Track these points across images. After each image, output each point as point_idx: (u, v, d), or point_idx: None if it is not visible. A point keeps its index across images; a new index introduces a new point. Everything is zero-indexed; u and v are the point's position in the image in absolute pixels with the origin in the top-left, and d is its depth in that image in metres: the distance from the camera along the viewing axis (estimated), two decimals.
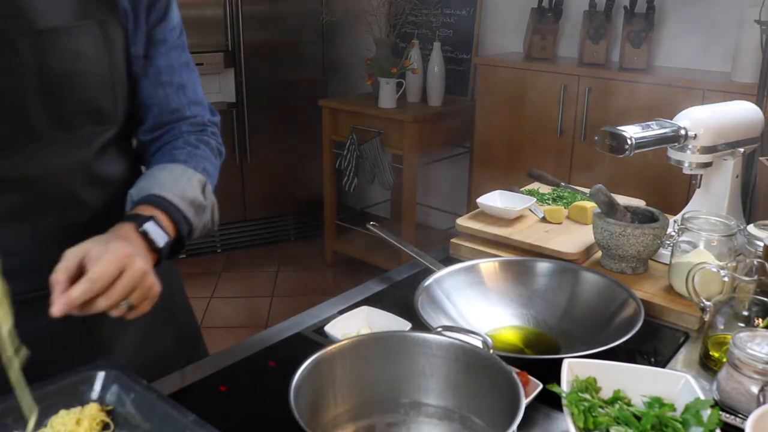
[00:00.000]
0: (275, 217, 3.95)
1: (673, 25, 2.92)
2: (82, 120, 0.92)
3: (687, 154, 1.30)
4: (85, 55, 0.88)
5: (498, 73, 3.10)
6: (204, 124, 1.08)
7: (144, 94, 1.02)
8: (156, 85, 1.02)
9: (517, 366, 0.89)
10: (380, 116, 3.29)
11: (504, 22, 3.43)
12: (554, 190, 1.67)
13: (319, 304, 1.22)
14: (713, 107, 1.35)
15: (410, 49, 3.39)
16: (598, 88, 2.80)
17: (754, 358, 0.86)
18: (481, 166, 3.26)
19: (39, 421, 0.74)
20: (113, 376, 0.78)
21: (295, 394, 0.76)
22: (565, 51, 3.23)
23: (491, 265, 1.23)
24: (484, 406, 0.84)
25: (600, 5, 2.95)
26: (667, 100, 2.58)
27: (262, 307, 3.32)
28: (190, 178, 0.97)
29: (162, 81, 1.02)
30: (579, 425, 0.80)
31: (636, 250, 1.24)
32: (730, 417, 0.88)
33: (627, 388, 0.88)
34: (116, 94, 0.96)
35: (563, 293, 1.19)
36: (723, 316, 1.01)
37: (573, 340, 1.10)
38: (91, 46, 0.89)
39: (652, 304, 1.17)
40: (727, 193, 1.36)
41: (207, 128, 1.08)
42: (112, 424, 0.75)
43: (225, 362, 1.04)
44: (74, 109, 0.91)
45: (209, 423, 0.71)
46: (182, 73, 1.04)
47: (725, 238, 1.15)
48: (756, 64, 2.42)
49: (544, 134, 2.99)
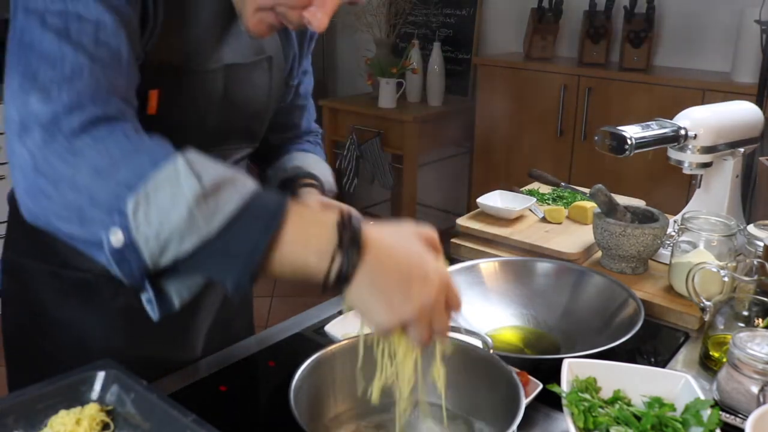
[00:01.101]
0: None
1: (673, 25, 2.92)
2: (237, 138, 1.04)
3: (687, 154, 1.30)
4: (256, 85, 1.00)
5: (498, 73, 3.10)
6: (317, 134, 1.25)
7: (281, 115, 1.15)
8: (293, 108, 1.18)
9: (517, 366, 0.89)
10: (380, 116, 3.29)
11: (504, 22, 3.43)
12: (554, 190, 1.67)
13: (319, 304, 1.22)
14: (713, 107, 1.35)
15: (410, 49, 3.39)
16: (598, 88, 2.80)
17: (754, 358, 0.86)
18: (481, 166, 3.26)
19: (39, 420, 0.74)
20: (113, 376, 0.78)
21: (295, 394, 0.76)
22: (565, 51, 3.23)
23: (491, 265, 1.23)
24: (484, 406, 0.84)
25: (600, 5, 2.95)
26: (667, 100, 2.59)
27: (262, 307, 3.32)
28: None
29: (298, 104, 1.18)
30: (579, 425, 0.80)
31: (636, 250, 1.24)
32: (730, 417, 0.88)
33: (627, 388, 0.88)
34: (267, 119, 1.08)
35: (563, 293, 1.19)
36: (723, 316, 1.01)
37: (573, 340, 1.10)
38: (259, 78, 1.01)
39: (652, 304, 1.17)
40: (727, 193, 1.36)
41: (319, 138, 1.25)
42: (112, 424, 0.75)
43: (225, 362, 1.04)
44: (234, 128, 1.02)
45: (209, 423, 0.71)
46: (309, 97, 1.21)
47: (725, 238, 1.15)
48: (756, 64, 2.43)
49: (544, 134, 2.99)
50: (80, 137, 0.66)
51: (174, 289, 0.67)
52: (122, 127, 0.69)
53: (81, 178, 0.64)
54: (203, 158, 0.66)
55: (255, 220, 0.63)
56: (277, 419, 0.90)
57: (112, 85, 0.72)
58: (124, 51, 0.74)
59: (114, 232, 0.62)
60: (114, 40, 0.73)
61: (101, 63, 0.72)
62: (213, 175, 0.63)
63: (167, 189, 0.62)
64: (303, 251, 0.64)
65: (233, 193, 0.63)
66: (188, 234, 0.62)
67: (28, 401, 0.75)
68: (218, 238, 0.62)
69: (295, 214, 0.64)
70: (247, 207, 0.63)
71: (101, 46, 0.72)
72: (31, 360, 1.07)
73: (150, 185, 0.62)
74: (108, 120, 0.69)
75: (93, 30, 0.72)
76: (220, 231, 0.62)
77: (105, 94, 0.71)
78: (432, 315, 0.66)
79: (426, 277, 0.65)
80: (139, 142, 0.68)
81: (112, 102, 0.71)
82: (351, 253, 0.63)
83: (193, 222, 0.62)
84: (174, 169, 0.63)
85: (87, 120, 0.67)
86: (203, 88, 0.92)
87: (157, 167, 0.63)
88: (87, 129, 0.67)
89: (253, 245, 0.62)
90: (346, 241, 0.63)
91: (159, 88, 0.85)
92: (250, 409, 0.94)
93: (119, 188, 0.63)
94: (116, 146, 0.66)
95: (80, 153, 0.65)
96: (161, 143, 0.69)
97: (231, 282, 0.64)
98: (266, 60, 1.00)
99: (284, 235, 0.63)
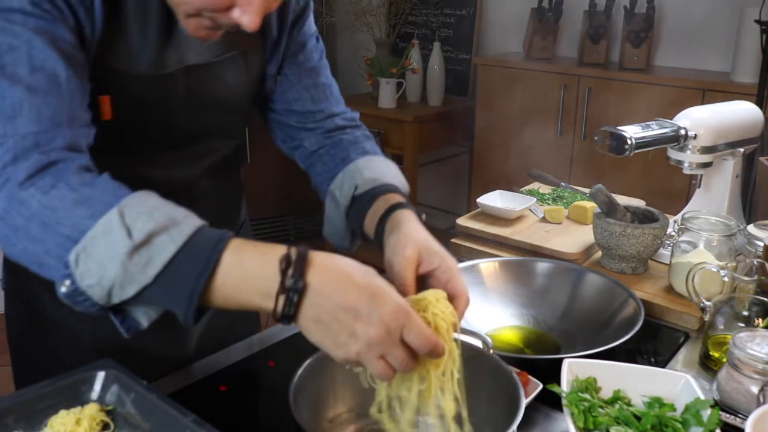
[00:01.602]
0: (275, 217, 3.94)
1: (673, 25, 2.92)
2: (214, 135, 1.03)
3: (687, 154, 1.30)
4: (226, 83, 0.98)
5: (498, 73, 3.10)
6: (356, 120, 1.12)
7: (290, 98, 1.07)
8: (299, 88, 1.07)
9: (517, 366, 0.89)
10: (380, 116, 3.29)
11: (504, 22, 3.42)
12: (554, 190, 1.67)
13: None
14: (713, 107, 1.35)
15: (410, 49, 3.39)
16: (598, 88, 2.80)
17: (754, 358, 0.86)
18: (481, 166, 3.26)
19: (39, 420, 0.74)
20: (113, 376, 0.78)
21: (295, 394, 0.76)
22: (565, 51, 3.23)
23: (491, 265, 1.23)
24: (484, 406, 0.84)
25: (600, 5, 2.95)
26: (667, 100, 2.58)
27: None
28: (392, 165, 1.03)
29: (305, 84, 1.07)
30: (579, 425, 0.80)
31: (636, 250, 1.24)
32: (730, 417, 0.88)
33: (627, 388, 0.88)
34: (244, 113, 1.06)
35: (563, 293, 1.19)
36: (723, 316, 1.01)
37: (573, 340, 1.10)
38: (232, 75, 0.98)
39: (652, 304, 1.17)
40: (727, 193, 1.36)
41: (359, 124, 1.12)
42: (112, 424, 0.75)
43: (225, 362, 1.04)
44: (207, 127, 1.01)
45: (209, 423, 0.71)
46: (324, 73, 1.09)
47: (725, 238, 1.15)
48: (756, 64, 2.43)
49: (544, 134, 2.99)
50: (27, 189, 0.70)
51: (140, 312, 0.71)
52: (66, 174, 0.71)
53: (33, 228, 0.69)
54: (142, 203, 0.68)
55: (190, 266, 0.66)
56: (277, 419, 0.90)
57: (54, 112, 0.75)
58: (61, 71, 0.76)
59: (63, 280, 0.67)
60: (49, 62, 0.75)
61: (41, 92, 0.74)
62: (144, 227, 0.66)
63: (102, 243, 0.66)
64: (245, 292, 0.66)
65: (167, 242, 0.66)
66: (127, 283, 0.66)
67: (28, 401, 0.75)
68: (156, 285, 0.66)
69: (234, 253, 0.67)
70: (181, 254, 0.66)
71: (37, 72, 0.74)
72: (35, 359, 1.08)
73: (88, 239, 0.66)
74: (52, 166, 0.72)
75: (26, 58, 0.74)
76: (156, 278, 0.66)
77: (49, 128, 0.74)
78: (383, 351, 0.65)
79: (370, 314, 0.64)
80: (82, 190, 0.70)
81: (57, 137, 0.74)
82: (292, 296, 0.64)
83: (128, 273, 0.65)
84: (108, 223, 0.66)
85: (33, 170, 0.71)
86: (160, 90, 0.91)
87: (94, 220, 0.67)
88: (32, 179, 0.70)
89: (190, 289, 0.65)
90: (288, 284, 0.65)
91: (110, 94, 0.86)
92: (250, 409, 0.94)
93: (63, 241, 0.67)
94: (59, 199, 0.69)
95: (28, 204, 0.69)
96: (105, 187, 0.71)
97: (180, 316, 0.67)
98: (240, 55, 0.98)
99: (223, 277, 0.66)
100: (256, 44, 1.00)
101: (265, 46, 1.02)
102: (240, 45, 0.98)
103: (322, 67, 1.09)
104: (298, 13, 1.04)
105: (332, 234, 1.04)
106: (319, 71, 1.08)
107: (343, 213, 0.99)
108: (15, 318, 1.09)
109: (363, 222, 0.95)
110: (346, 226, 1.00)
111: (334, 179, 1.01)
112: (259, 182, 3.77)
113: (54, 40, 0.76)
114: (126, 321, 0.71)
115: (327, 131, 1.08)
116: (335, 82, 1.12)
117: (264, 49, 1.02)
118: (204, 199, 1.05)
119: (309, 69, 1.07)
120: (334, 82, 1.12)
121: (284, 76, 1.06)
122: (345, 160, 1.02)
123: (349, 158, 1.02)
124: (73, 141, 0.76)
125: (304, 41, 1.06)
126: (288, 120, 1.08)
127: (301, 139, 1.09)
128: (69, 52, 0.78)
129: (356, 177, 0.98)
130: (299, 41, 1.05)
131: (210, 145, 1.03)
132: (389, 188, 0.95)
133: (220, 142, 1.05)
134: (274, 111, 1.09)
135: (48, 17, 0.76)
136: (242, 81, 1.00)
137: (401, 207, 0.90)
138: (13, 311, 1.09)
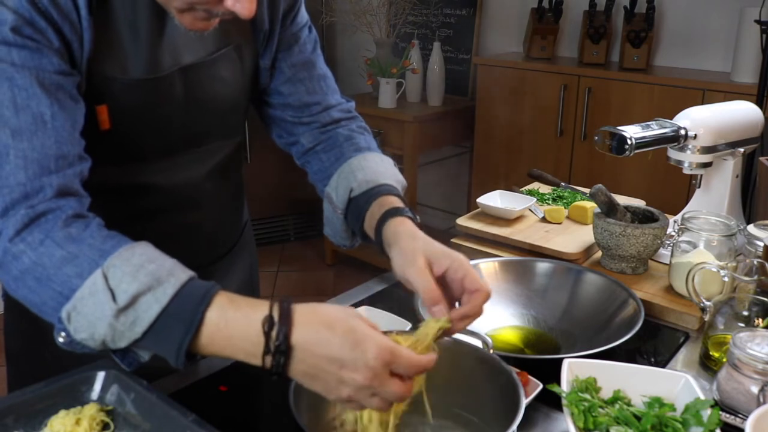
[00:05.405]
0: (275, 217, 3.94)
1: (673, 25, 2.92)
2: (213, 135, 1.02)
3: (687, 154, 1.30)
4: (223, 80, 0.97)
5: (498, 73, 3.10)
6: (352, 112, 1.11)
7: (285, 92, 1.06)
8: (295, 81, 1.05)
9: (517, 366, 0.89)
10: (380, 116, 3.29)
11: (504, 22, 3.42)
12: (554, 190, 1.67)
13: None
14: (713, 107, 1.35)
15: (410, 49, 3.39)
16: (598, 88, 2.80)
17: (754, 358, 0.86)
18: (481, 166, 3.26)
19: (39, 420, 0.74)
20: (113, 376, 0.78)
21: (295, 394, 0.76)
22: (565, 51, 3.23)
23: (491, 265, 1.23)
24: (484, 406, 0.84)
25: (600, 5, 2.95)
26: (667, 100, 2.59)
27: None
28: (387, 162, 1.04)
29: (300, 77, 1.05)
30: (579, 425, 0.80)
31: (636, 250, 1.24)
32: (730, 417, 0.88)
33: (627, 388, 0.88)
34: (243, 110, 1.05)
35: (563, 293, 1.19)
36: (723, 316, 1.01)
37: (573, 340, 1.10)
38: (228, 71, 0.97)
39: (652, 304, 1.17)
40: (727, 193, 1.36)
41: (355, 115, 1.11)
42: (112, 424, 0.75)
43: (225, 362, 1.04)
44: (208, 127, 1.00)
45: (209, 423, 0.71)
46: (318, 64, 1.08)
47: (725, 238, 1.15)
48: (756, 64, 2.43)
49: (544, 134, 2.99)
50: (17, 244, 0.72)
51: (140, 350, 0.74)
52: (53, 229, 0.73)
53: (28, 281, 0.72)
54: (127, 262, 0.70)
55: (175, 325, 0.69)
56: (277, 419, 0.90)
57: (41, 155, 0.75)
58: (45, 108, 0.76)
59: (59, 332, 0.72)
60: (33, 101, 0.75)
61: (26, 134, 0.74)
62: (127, 289, 0.69)
63: (90, 302, 0.69)
64: (231, 350, 0.70)
65: (152, 302, 0.69)
66: (118, 338, 0.70)
67: (28, 401, 0.75)
68: (145, 339, 0.70)
69: (218, 311, 0.69)
70: (165, 313, 0.69)
71: (21, 113, 0.75)
72: (31, 361, 1.07)
73: (77, 298, 0.70)
74: (41, 217, 0.73)
75: (9, 97, 0.74)
76: (144, 334, 0.70)
77: (37, 175, 0.74)
78: (373, 391, 0.67)
79: (355, 362, 0.66)
80: (69, 248, 0.72)
81: (44, 187, 0.74)
82: (279, 358, 0.67)
83: (117, 331, 0.69)
84: (93, 285, 0.69)
85: (20, 225, 0.72)
86: (157, 94, 0.91)
87: (82, 280, 0.70)
88: (21, 235, 0.72)
89: (177, 345, 0.68)
90: (273, 347, 0.67)
91: (106, 103, 0.86)
92: (250, 409, 0.94)
93: (56, 296, 0.71)
94: (48, 257, 0.71)
95: (21, 260, 0.72)
96: (92, 242, 0.72)
97: (171, 363, 0.71)
98: (234, 49, 0.97)
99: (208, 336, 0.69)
100: (248, 37, 0.99)
101: (257, 39, 1.01)
102: (232, 40, 0.97)
103: (317, 57, 1.08)
104: (289, 3, 1.02)
105: (332, 234, 1.05)
106: (314, 62, 1.07)
107: (341, 215, 1.00)
108: (12, 319, 1.08)
109: (362, 224, 0.97)
110: (345, 227, 1.01)
111: (330, 180, 1.02)
112: (259, 182, 3.77)
113: (38, 73, 0.76)
114: (126, 358, 0.74)
115: (323, 125, 1.07)
116: (330, 72, 1.10)
117: (256, 42, 1.01)
118: (208, 203, 1.06)
119: (304, 61, 1.06)
120: (329, 72, 1.10)
121: (279, 69, 1.05)
122: (339, 158, 1.03)
123: (344, 157, 1.02)
124: (63, 186, 0.76)
125: (297, 33, 1.05)
126: (284, 115, 1.07)
127: (297, 135, 1.08)
128: (55, 84, 0.77)
129: (350, 179, 0.98)
130: (292, 32, 1.04)
131: (211, 147, 1.03)
132: (383, 190, 0.96)
133: (221, 143, 1.04)
134: (269, 106, 1.08)
135: (31, 44, 0.75)
136: (238, 76, 0.99)
137: (395, 214, 0.91)
138: (10, 318, 1.08)
